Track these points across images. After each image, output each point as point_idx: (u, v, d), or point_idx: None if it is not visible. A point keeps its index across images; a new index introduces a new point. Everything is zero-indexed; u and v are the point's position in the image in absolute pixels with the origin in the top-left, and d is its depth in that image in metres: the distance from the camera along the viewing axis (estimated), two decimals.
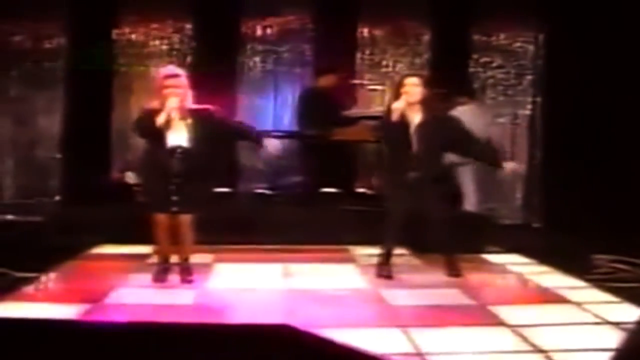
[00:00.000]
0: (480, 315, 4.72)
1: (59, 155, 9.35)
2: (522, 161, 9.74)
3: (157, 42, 9.57)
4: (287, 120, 9.51)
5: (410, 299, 5.13)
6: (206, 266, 6.29)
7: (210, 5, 9.42)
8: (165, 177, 5.44)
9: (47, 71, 9.26)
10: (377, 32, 9.77)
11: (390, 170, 5.92)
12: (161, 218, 5.48)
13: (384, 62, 9.76)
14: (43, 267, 5.97)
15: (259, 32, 9.68)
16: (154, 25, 9.56)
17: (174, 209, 5.47)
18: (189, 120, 5.47)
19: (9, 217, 9.18)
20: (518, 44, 9.65)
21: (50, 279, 5.63)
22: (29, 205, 9.23)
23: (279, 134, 9.18)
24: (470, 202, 8.32)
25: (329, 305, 4.96)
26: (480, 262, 6.75)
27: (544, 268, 6.43)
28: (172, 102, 5.37)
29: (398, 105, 5.66)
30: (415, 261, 6.80)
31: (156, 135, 5.39)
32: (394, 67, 9.74)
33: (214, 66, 9.24)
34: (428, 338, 4.07)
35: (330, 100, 8.51)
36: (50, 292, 5.25)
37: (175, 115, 5.38)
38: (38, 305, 4.82)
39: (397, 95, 5.76)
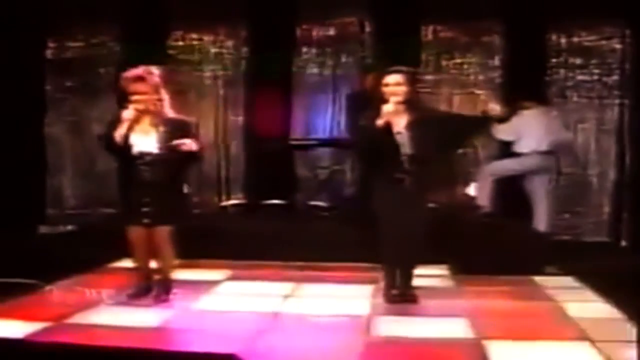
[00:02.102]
0: (465, 352, 4.06)
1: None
2: (610, 170, 8.73)
3: (210, 48, 9.27)
4: (345, 126, 8.94)
5: (401, 330, 4.51)
6: (213, 283, 5.93)
7: (265, 9, 9.03)
8: (136, 187, 5.06)
9: (103, 79, 9.13)
10: (444, 32, 9.06)
11: (379, 180, 5.25)
12: (135, 231, 5.09)
13: (452, 63, 9.06)
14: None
15: (315, 35, 9.19)
16: (207, 31, 9.26)
17: (145, 220, 5.06)
18: (161, 128, 5.05)
19: (69, 227, 9.14)
20: (602, 42, 8.67)
21: (34, 294, 5.37)
22: (87, 216, 9.19)
23: (330, 141, 8.70)
24: (540, 218, 7.49)
25: (302, 333, 4.46)
26: (523, 286, 5.98)
27: (591, 295, 5.60)
28: (127, 114, 4.95)
29: (388, 110, 5.04)
30: (449, 282, 6.13)
31: (120, 144, 4.98)
32: (462, 68, 9.02)
33: (269, 71, 8.90)
34: None
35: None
36: (22, 308, 4.98)
37: (142, 121, 5.00)
38: None
39: (378, 95, 5.13)
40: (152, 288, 5.24)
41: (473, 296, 5.53)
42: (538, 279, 6.25)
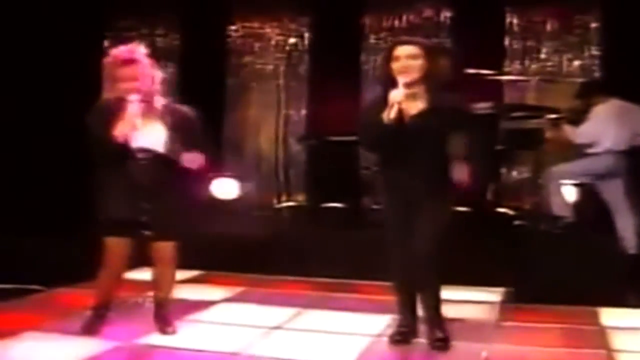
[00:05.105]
0: None
1: None
2: None
3: (272, 37, 8.15)
4: None
5: None
6: (203, 305, 4.78)
7: None
8: (131, 191, 3.85)
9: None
10: (532, 19, 7.52)
11: (383, 180, 3.90)
12: (118, 243, 3.91)
13: (541, 53, 7.51)
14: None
15: (385, 23, 7.88)
16: (270, 19, 8.15)
17: (145, 232, 3.90)
18: (167, 118, 3.88)
19: None
20: None
21: None
22: None
23: None
24: (624, 231, 5.83)
25: None
26: (585, 324, 4.45)
27: None
28: (134, 108, 3.76)
29: (396, 96, 3.62)
30: (492, 313, 4.69)
31: (120, 144, 3.80)
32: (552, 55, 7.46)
33: (334, 63, 7.68)
34: None
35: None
36: None
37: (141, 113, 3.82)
38: None
39: (386, 72, 3.75)
40: (104, 318, 4.05)
41: (507, 336, 4.11)
42: (611, 312, 4.68)
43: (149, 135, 3.85)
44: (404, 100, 3.64)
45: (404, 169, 3.75)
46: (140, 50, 3.93)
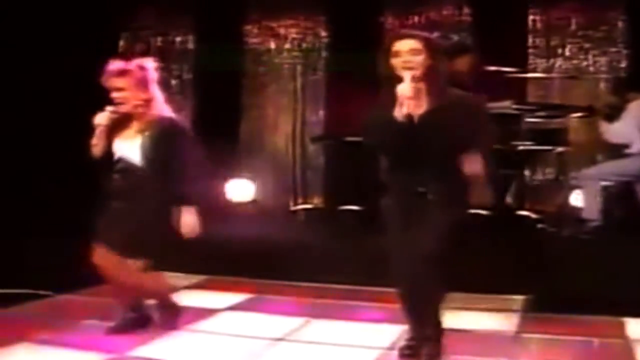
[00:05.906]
0: None
1: None
2: None
3: (288, 37, 7.92)
4: None
5: None
6: (207, 313, 4.50)
7: None
8: (111, 200, 3.81)
9: (174, 71, 8.02)
10: (556, 15, 7.21)
11: (389, 186, 3.62)
12: (100, 252, 3.77)
13: (565, 50, 7.20)
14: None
15: (405, 22, 7.59)
16: (286, 17, 7.92)
17: (109, 245, 3.74)
18: (147, 132, 3.79)
19: None
20: None
21: None
22: None
23: None
24: None
25: None
26: (614, 336, 4.12)
27: None
28: (100, 118, 3.82)
29: (404, 89, 3.33)
30: (511, 324, 4.39)
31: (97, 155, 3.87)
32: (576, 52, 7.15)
33: (352, 63, 7.41)
34: None
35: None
36: None
37: (130, 124, 3.86)
38: None
39: (387, 70, 3.48)
40: (140, 320, 3.96)
41: (527, 349, 3.83)
42: (639, 324, 4.35)
43: (132, 147, 3.79)
44: (412, 98, 3.38)
45: (412, 170, 3.48)
46: (142, 64, 3.86)
